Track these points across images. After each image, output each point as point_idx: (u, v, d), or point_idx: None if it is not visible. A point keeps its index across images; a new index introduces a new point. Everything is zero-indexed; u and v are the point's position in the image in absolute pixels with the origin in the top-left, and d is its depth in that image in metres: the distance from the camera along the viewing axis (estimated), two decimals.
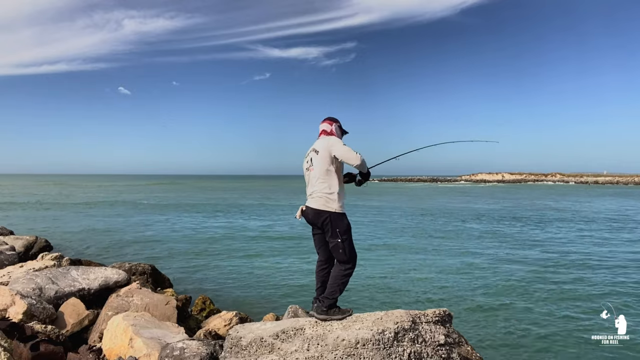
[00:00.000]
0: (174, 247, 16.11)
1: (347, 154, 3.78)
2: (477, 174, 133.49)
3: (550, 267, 12.74)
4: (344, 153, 3.79)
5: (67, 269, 6.99)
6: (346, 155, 3.78)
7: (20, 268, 7.85)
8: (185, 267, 12.74)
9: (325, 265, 4.06)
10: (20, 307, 5.35)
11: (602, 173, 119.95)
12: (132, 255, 14.32)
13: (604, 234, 19.76)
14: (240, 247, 16.25)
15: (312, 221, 3.92)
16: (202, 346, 4.19)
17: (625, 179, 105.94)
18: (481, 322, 8.08)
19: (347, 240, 3.82)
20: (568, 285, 10.60)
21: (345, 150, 3.79)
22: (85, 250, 15.21)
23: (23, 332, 4.75)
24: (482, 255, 14.65)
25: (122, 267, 8.34)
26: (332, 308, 3.89)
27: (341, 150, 3.80)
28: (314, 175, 3.90)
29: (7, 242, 11.26)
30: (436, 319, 3.95)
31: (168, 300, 6.26)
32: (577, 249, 15.84)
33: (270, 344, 3.65)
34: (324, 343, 3.55)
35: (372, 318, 3.81)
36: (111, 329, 4.94)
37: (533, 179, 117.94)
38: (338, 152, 3.80)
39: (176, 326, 5.42)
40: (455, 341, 3.91)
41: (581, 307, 8.88)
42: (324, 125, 4.09)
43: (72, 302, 6.01)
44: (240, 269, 12.57)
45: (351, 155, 3.77)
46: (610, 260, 13.62)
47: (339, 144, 3.84)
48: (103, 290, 6.74)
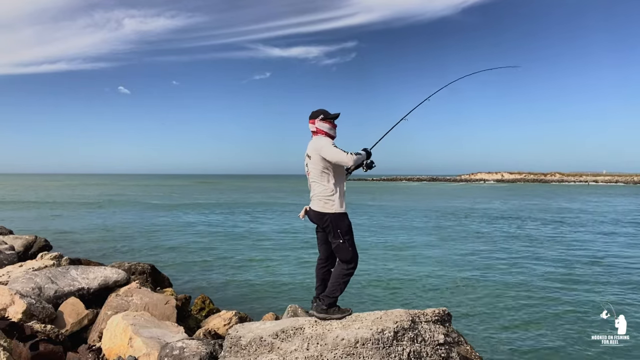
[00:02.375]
0: (174, 247, 16.10)
1: (337, 157, 3.70)
2: (477, 173, 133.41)
3: (550, 267, 12.74)
4: (333, 156, 3.71)
5: (66, 269, 6.98)
6: (336, 158, 3.70)
7: (19, 267, 7.84)
8: (184, 267, 12.74)
9: (325, 263, 4.06)
10: (19, 307, 5.35)
11: (602, 172, 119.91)
12: (131, 255, 14.32)
13: (604, 234, 19.77)
14: (239, 247, 16.25)
15: (314, 222, 3.96)
16: (201, 345, 4.19)
17: (624, 179, 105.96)
18: (481, 322, 8.07)
19: (349, 240, 3.82)
20: (568, 285, 10.60)
21: (335, 153, 3.70)
22: (84, 250, 15.19)
23: (22, 331, 4.74)
24: (481, 255, 14.65)
25: (121, 266, 8.33)
26: (332, 307, 3.89)
27: (331, 153, 3.71)
28: (311, 178, 3.89)
29: (6, 242, 11.24)
30: (435, 318, 3.95)
31: (167, 299, 6.26)
32: (577, 249, 15.84)
33: (269, 344, 3.64)
34: (324, 342, 3.55)
35: (372, 317, 3.81)
36: (111, 329, 4.93)
37: (532, 178, 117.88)
38: (328, 156, 3.72)
39: (176, 325, 5.42)
40: (454, 340, 3.90)
41: (581, 307, 8.88)
42: (310, 126, 3.96)
43: (71, 301, 6.00)
44: (240, 268, 12.57)
45: (342, 158, 3.70)
46: (610, 261, 13.62)
47: (328, 147, 3.73)
48: (102, 289, 6.73)
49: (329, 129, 3.91)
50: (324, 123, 3.90)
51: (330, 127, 3.92)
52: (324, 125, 3.90)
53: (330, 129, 3.92)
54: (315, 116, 3.92)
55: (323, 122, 3.90)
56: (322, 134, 3.90)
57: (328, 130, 3.90)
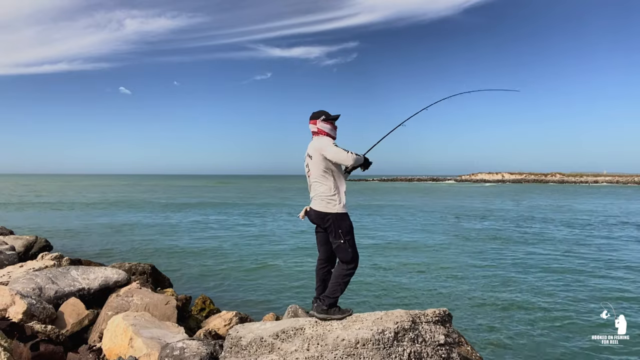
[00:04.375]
0: (174, 247, 16.11)
1: (338, 156, 3.75)
2: (477, 173, 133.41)
3: (550, 267, 12.74)
4: (334, 155, 3.75)
5: (67, 269, 6.99)
6: (337, 156, 3.75)
7: (20, 268, 7.85)
8: (185, 267, 12.74)
9: (326, 264, 4.06)
10: (20, 307, 5.35)
11: (602, 173, 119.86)
12: (132, 255, 14.32)
13: (605, 233, 19.77)
14: (240, 247, 16.25)
15: (315, 222, 3.96)
16: (202, 346, 4.19)
17: (625, 179, 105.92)
18: (481, 322, 8.07)
19: (350, 240, 3.83)
20: (568, 285, 10.60)
21: (336, 152, 3.75)
22: (85, 250, 15.19)
23: (23, 332, 4.74)
24: (481, 255, 14.65)
25: (122, 267, 8.33)
26: (333, 307, 3.89)
27: (332, 152, 3.76)
28: (312, 178, 3.91)
29: (7, 242, 11.25)
30: (436, 318, 3.95)
31: (168, 300, 6.26)
32: (577, 249, 15.84)
33: (270, 344, 3.65)
34: (324, 343, 3.55)
35: (372, 318, 3.81)
36: (111, 329, 4.93)
37: (533, 179, 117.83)
38: (329, 155, 3.77)
39: (176, 326, 5.42)
40: (455, 341, 3.90)
41: (581, 307, 8.88)
42: (311, 127, 4.01)
43: (72, 302, 6.00)
44: (240, 269, 12.57)
45: (342, 157, 3.74)
46: (610, 260, 13.62)
47: (329, 146, 3.78)
48: (103, 290, 6.74)
49: (330, 129, 3.96)
50: (325, 124, 3.95)
51: (331, 127, 3.98)
52: (325, 126, 3.95)
53: (331, 130, 3.97)
54: (316, 117, 3.97)
55: (324, 123, 3.95)
56: (323, 134, 3.94)
57: (329, 131, 3.95)
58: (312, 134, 4.02)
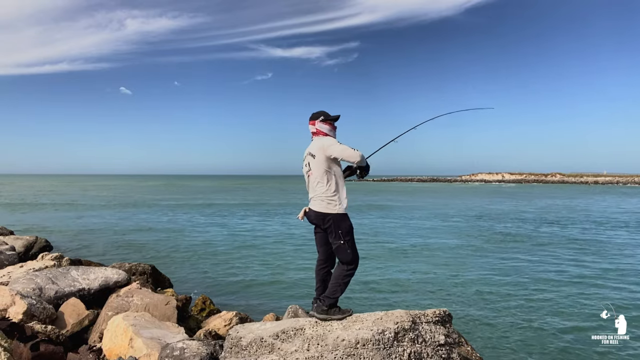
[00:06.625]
0: (174, 247, 16.10)
1: (345, 152, 3.75)
2: (477, 174, 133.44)
3: (551, 267, 12.74)
4: (341, 152, 3.76)
5: (67, 269, 6.99)
6: (344, 154, 3.75)
7: (20, 268, 7.85)
8: (185, 267, 12.74)
9: (325, 264, 4.06)
10: (20, 307, 5.35)
11: (602, 173, 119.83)
12: (132, 255, 14.32)
13: (605, 234, 19.77)
14: (240, 247, 16.25)
15: (315, 223, 3.95)
16: (202, 346, 4.19)
17: (625, 179, 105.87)
18: (481, 322, 8.07)
19: (349, 241, 3.82)
20: (568, 286, 10.60)
21: (343, 149, 3.76)
22: (85, 250, 15.20)
23: (23, 332, 4.74)
24: (482, 255, 14.65)
25: (122, 267, 8.33)
26: (333, 307, 3.89)
27: (338, 150, 3.76)
28: (314, 178, 3.89)
29: (7, 242, 11.25)
30: (436, 319, 3.94)
31: (168, 300, 6.26)
32: (577, 249, 15.84)
33: (270, 344, 3.65)
34: (324, 343, 3.55)
35: (372, 318, 3.81)
36: (111, 329, 4.93)
37: (533, 179, 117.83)
38: (336, 152, 3.77)
39: (176, 326, 5.42)
40: (455, 341, 3.90)
41: (581, 307, 8.88)
42: (310, 127, 4.01)
43: (72, 302, 6.00)
44: (240, 269, 12.57)
45: (350, 153, 3.74)
46: (610, 260, 13.61)
47: (335, 145, 3.79)
48: (103, 290, 6.73)
49: (329, 130, 3.96)
50: (324, 124, 3.95)
51: (330, 128, 3.98)
52: (323, 126, 3.95)
53: (330, 131, 3.97)
54: (315, 117, 3.97)
55: (323, 124, 3.95)
56: (322, 135, 3.94)
57: (328, 131, 3.95)
58: (311, 135, 4.03)
